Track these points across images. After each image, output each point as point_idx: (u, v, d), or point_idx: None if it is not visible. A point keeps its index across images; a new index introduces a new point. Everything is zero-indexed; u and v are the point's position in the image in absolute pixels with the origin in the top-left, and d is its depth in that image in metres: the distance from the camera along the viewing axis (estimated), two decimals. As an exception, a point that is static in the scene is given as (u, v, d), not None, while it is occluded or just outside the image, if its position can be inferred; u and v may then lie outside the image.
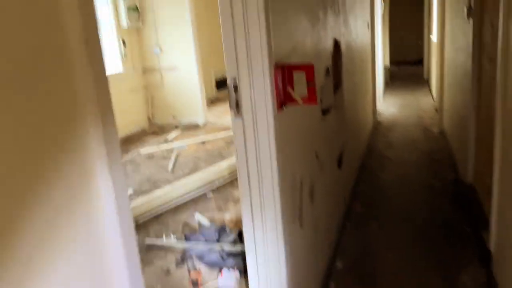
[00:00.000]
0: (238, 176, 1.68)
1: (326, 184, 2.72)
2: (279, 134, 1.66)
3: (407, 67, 13.08)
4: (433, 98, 7.75)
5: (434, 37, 7.35)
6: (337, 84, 3.15)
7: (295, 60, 1.88)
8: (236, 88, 1.59)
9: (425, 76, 10.19)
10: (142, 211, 3.53)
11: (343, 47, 3.31)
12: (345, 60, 3.44)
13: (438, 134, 5.52)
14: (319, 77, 2.50)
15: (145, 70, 7.17)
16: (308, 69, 1.64)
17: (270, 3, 1.52)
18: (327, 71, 2.73)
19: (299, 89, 1.71)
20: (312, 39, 2.27)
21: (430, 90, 8.68)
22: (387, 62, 9.78)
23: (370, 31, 5.59)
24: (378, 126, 6.14)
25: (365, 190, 3.84)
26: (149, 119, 7.30)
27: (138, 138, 6.47)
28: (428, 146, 5.07)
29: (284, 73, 1.66)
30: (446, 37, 5.35)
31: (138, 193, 4.10)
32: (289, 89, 1.69)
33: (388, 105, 7.66)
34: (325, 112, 2.66)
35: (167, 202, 3.71)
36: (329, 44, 2.80)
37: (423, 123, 6.23)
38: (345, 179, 3.48)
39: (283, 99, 1.67)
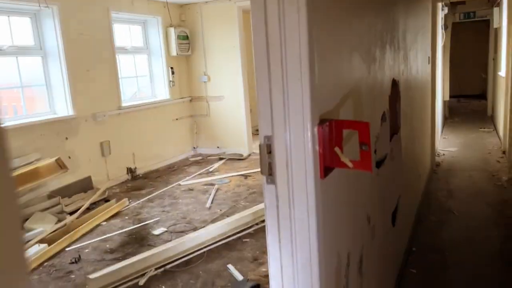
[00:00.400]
0: (268, 258, 1.35)
1: (378, 249, 2.32)
2: (322, 206, 1.33)
3: (467, 101, 12.27)
4: (499, 138, 7.05)
5: (503, 71, 6.72)
6: (394, 130, 2.77)
7: (346, 111, 1.55)
8: (269, 149, 1.29)
9: (489, 112, 9.41)
10: (171, 256, 3.27)
11: (401, 86, 2.94)
12: (403, 101, 3.06)
13: (507, 182, 4.90)
14: (374, 125, 2.15)
15: (192, 98, 7.08)
16: (362, 128, 1.31)
17: (316, 47, 1.22)
18: (383, 116, 2.38)
19: (350, 150, 1.38)
20: (367, 83, 1.94)
21: (495, 128, 7.95)
22: (447, 96, 9.13)
23: (430, 65, 5.15)
24: (436, 170, 5.59)
25: (422, 251, 3.35)
26: (193, 148, 7.16)
27: (181, 168, 6.31)
28: (497, 198, 4.47)
29: (331, 131, 1.34)
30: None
31: (171, 232, 3.86)
32: (336, 149, 1.36)
33: (447, 144, 7.05)
34: (379, 164, 2.29)
35: (198, 247, 3.42)
36: (386, 86, 2.44)
37: (489, 167, 5.60)
38: (399, 237, 3.03)
39: (328, 163, 1.34)
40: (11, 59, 4.58)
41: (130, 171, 5.79)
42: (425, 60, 4.61)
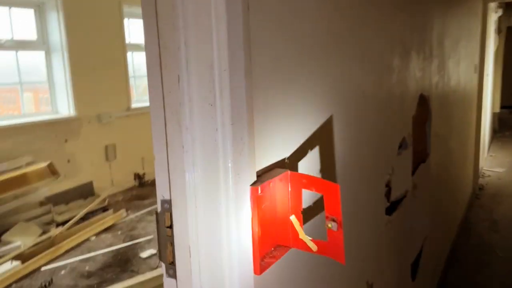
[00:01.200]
0: None
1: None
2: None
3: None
4: (557, 160, 6.15)
5: None
6: (420, 156, 2.18)
7: (317, 156, 1.01)
8: (171, 221, 0.78)
9: (545, 127, 8.40)
10: (150, 289, 2.82)
11: (434, 103, 2.34)
12: (436, 120, 2.45)
13: None
14: (388, 157, 1.59)
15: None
16: (330, 192, 0.77)
17: (253, 47, 0.70)
18: (403, 143, 1.80)
19: (319, 224, 0.84)
20: (374, 102, 1.38)
21: (552, 147, 7.01)
22: (497, 108, 8.22)
23: (477, 74, 4.43)
24: (479, 193, 4.84)
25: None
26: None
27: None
28: (552, 235, 3.72)
29: (285, 190, 0.81)
30: None
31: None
32: (293, 219, 0.83)
33: (494, 163, 6.22)
34: (393, 208, 1.72)
35: None
36: (410, 103, 1.87)
37: (543, 194, 4.79)
38: (423, 290, 2.43)
39: (274, 242, 0.81)
40: (10, 53, 4.29)
41: (137, 177, 5.41)
42: (470, 69, 3.92)
